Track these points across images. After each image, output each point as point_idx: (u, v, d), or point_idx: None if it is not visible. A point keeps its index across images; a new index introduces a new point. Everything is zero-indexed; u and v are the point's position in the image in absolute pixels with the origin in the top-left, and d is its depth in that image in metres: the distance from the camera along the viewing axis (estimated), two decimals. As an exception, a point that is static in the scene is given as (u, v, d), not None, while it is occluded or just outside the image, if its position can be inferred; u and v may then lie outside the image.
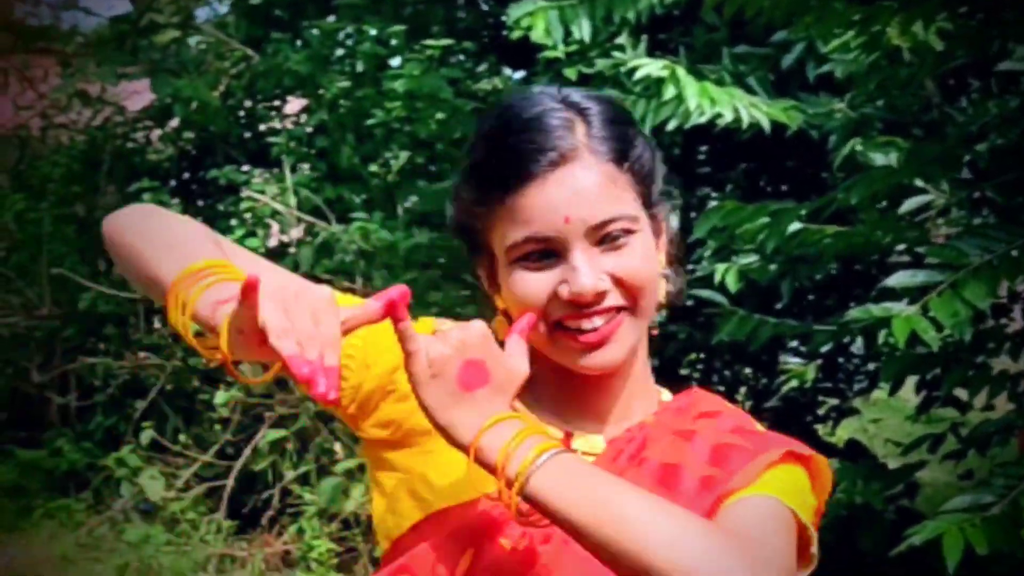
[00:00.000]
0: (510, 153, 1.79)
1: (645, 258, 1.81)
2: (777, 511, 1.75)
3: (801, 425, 7.77)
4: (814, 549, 1.83)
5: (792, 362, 7.85)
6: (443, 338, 1.68)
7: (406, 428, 1.88)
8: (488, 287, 1.91)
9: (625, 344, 1.81)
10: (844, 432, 8.58)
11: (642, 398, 1.93)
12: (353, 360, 1.87)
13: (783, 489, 1.78)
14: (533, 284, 1.79)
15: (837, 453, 7.57)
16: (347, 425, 1.95)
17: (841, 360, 7.74)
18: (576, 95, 1.85)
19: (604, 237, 1.78)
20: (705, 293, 5.34)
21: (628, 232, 1.79)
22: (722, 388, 8.13)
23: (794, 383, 7.73)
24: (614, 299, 1.79)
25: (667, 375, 8.13)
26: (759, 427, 1.93)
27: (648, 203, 1.85)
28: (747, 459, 1.80)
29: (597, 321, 1.78)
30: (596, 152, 1.79)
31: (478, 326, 1.70)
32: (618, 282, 1.78)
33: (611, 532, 1.60)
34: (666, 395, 1.97)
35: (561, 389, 1.89)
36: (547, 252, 1.78)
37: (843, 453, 7.45)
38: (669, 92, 5.25)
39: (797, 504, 1.77)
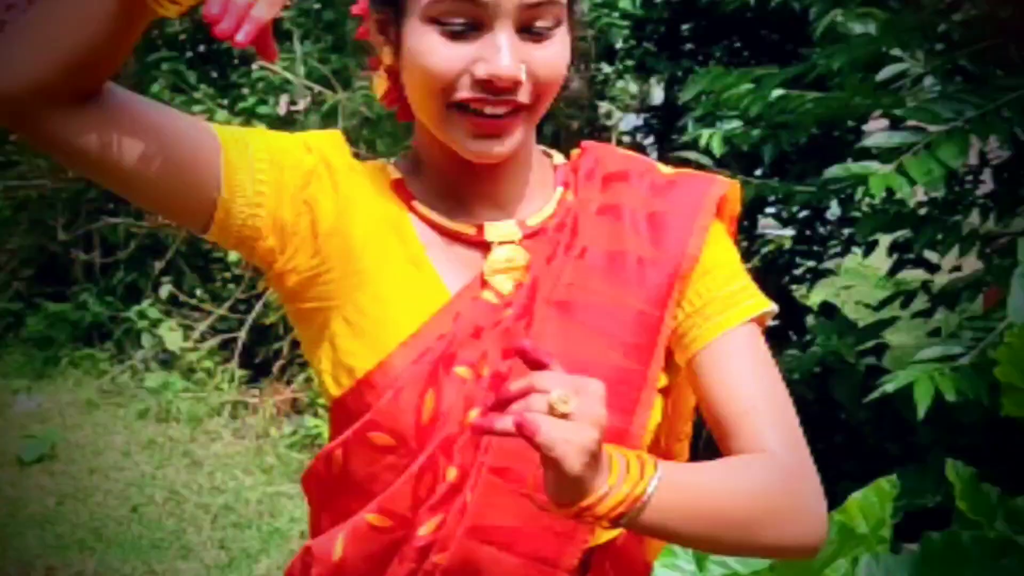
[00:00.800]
0: None
1: (563, 56, 1.65)
2: (758, 356, 1.72)
3: (778, 286, 7.71)
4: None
5: (771, 231, 7.79)
6: (584, 417, 1.41)
7: (326, 252, 1.70)
8: (379, 39, 1.70)
9: (516, 141, 1.65)
10: (818, 296, 8.53)
11: (541, 175, 1.79)
12: (266, 185, 1.67)
13: (730, 275, 1.77)
14: (446, 54, 1.59)
15: (812, 313, 7.52)
16: (262, 267, 1.74)
17: (817, 225, 7.65)
18: None
19: (532, 22, 1.60)
20: (691, 156, 5.24)
21: (555, 24, 1.62)
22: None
23: (772, 247, 7.68)
24: (523, 95, 1.62)
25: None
26: (664, 170, 1.83)
27: (571, 10, 1.67)
28: (682, 233, 1.73)
29: (500, 109, 1.61)
30: None
31: (599, 395, 1.44)
32: (533, 77, 1.61)
33: (723, 542, 1.60)
34: (558, 158, 1.83)
35: (460, 179, 1.73)
36: (468, 24, 1.59)
37: (817, 314, 7.39)
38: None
39: (749, 291, 1.77)
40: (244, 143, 1.67)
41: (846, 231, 7.43)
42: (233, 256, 7.94)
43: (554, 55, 1.63)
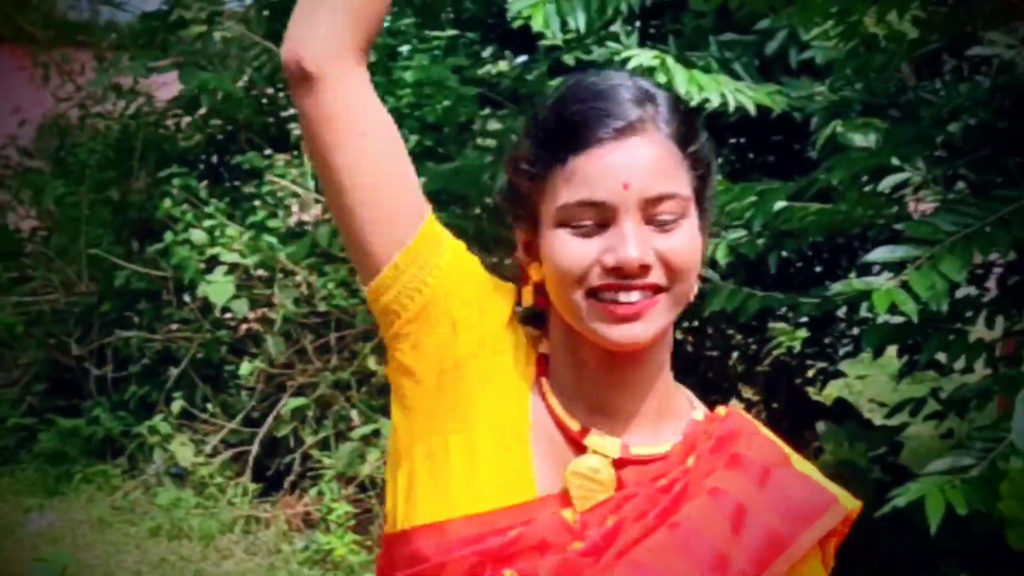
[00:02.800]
0: (578, 116, 1.68)
1: (692, 243, 1.68)
2: None
3: (791, 387, 7.70)
4: None
5: (781, 328, 7.77)
6: None
7: (447, 381, 1.75)
8: (524, 255, 1.79)
9: (656, 324, 1.68)
10: (832, 390, 8.50)
11: (667, 408, 1.79)
12: (432, 284, 1.75)
13: None
14: (577, 248, 1.66)
15: (825, 412, 7.50)
16: (388, 346, 1.78)
17: (827, 326, 7.64)
18: (648, 82, 1.75)
19: (656, 215, 1.66)
20: (696, 269, 5.22)
21: (680, 214, 1.67)
22: (715, 353, 8.06)
23: (783, 348, 7.66)
24: (656, 276, 1.66)
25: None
26: (798, 465, 1.79)
27: (701, 195, 1.73)
28: (777, 548, 1.69)
29: (635, 295, 1.65)
30: (662, 130, 1.69)
31: None
32: (663, 261, 1.66)
33: None
34: (699, 412, 1.82)
35: (582, 377, 1.75)
36: (597, 222, 1.66)
37: (831, 411, 7.38)
38: (659, 80, 5.13)
39: None
40: (440, 238, 1.76)
41: (856, 330, 7.41)
42: (245, 368, 7.93)
43: (682, 243, 1.67)
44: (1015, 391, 3.86)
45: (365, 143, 1.70)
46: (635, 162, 1.65)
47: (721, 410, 1.82)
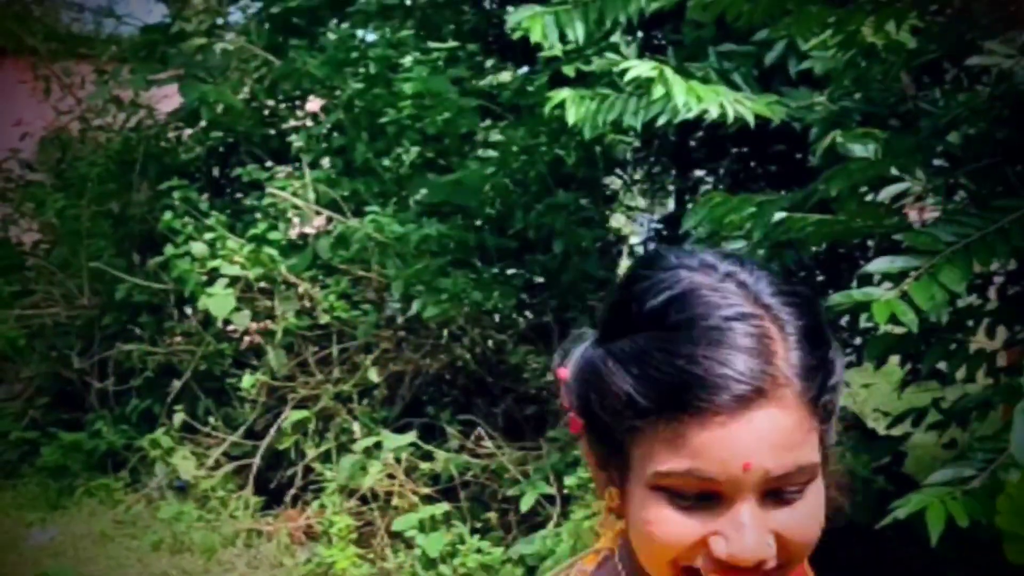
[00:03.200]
0: (694, 371, 1.34)
1: (816, 514, 1.40)
2: None
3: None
4: None
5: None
6: None
7: None
8: (600, 476, 1.49)
9: None
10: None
11: None
12: None
13: None
14: (678, 527, 1.37)
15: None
16: None
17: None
18: (768, 292, 1.40)
19: (777, 491, 1.36)
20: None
21: (805, 484, 1.38)
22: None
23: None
24: (770, 562, 1.37)
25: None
26: None
27: (825, 441, 1.42)
28: None
29: None
30: (794, 389, 1.36)
31: None
32: (781, 541, 1.37)
33: None
34: None
35: None
36: (704, 495, 1.36)
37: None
38: (658, 91, 5.12)
39: None
40: None
41: (858, 340, 7.39)
42: (247, 380, 7.93)
43: (806, 516, 1.39)
44: (1016, 401, 3.85)
45: None
46: (758, 439, 1.34)
47: None
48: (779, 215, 4.88)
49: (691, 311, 1.37)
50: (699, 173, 8.10)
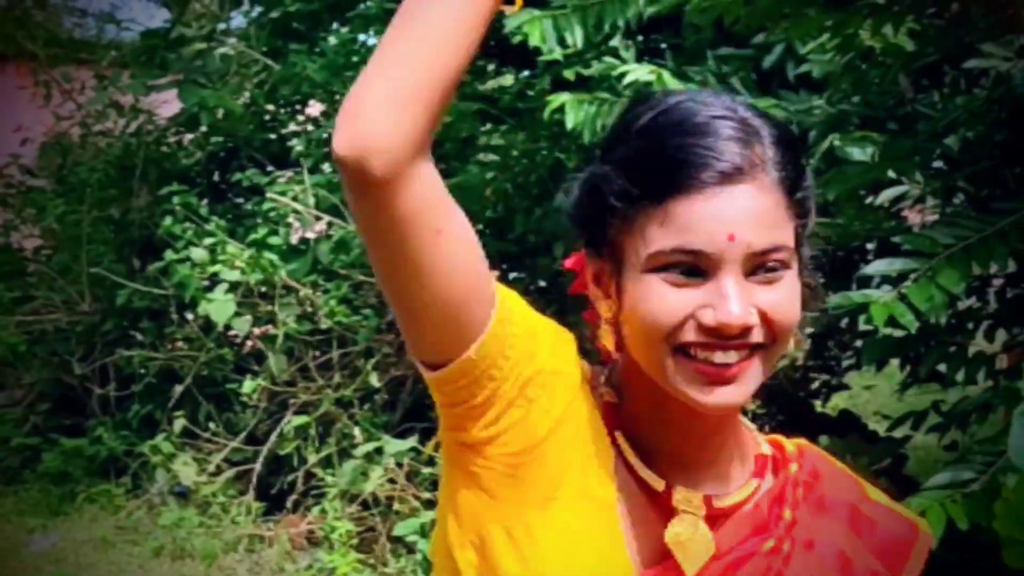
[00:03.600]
0: (678, 154, 1.52)
1: (794, 297, 1.56)
2: None
3: (795, 400, 7.67)
4: None
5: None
6: None
7: (525, 461, 1.57)
8: (594, 287, 1.63)
9: (750, 386, 1.54)
10: (838, 401, 8.47)
11: (741, 452, 1.68)
12: (505, 367, 1.54)
13: None
14: (671, 300, 1.51)
15: (831, 424, 7.46)
16: (447, 422, 1.60)
17: (829, 341, 7.62)
18: (747, 109, 1.59)
19: (760, 267, 1.52)
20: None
21: (784, 266, 1.54)
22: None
23: (787, 360, 7.64)
24: (756, 335, 1.52)
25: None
26: (873, 495, 1.76)
27: (800, 241, 1.59)
28: (903, 558, 1.69)
29: (732, 355, 1.52)
30: (770, 175, 1.54)
31: None
32: (764, 318, 1.52)
33: None
34: (765, 446, 1.72)
35: (660, 432, 1.63)
36: (693, 269, 1.51)
37: (836, 423, 7.35)
38: (654, 94, 5.13)
39: None
40: (509, 316, 1.55)
41: (859, 343, 7.40)
42: (248, 386, 7.93)
43: (785, 298, 1.54)
44: (1016, 404, 3.84)
45: (440, 241, 1.48)
46: (741, 212, 1.51)
47: (789, 446, 1.74)
48: (776, 218, 4.89)
49: (679, 116, 1.56)
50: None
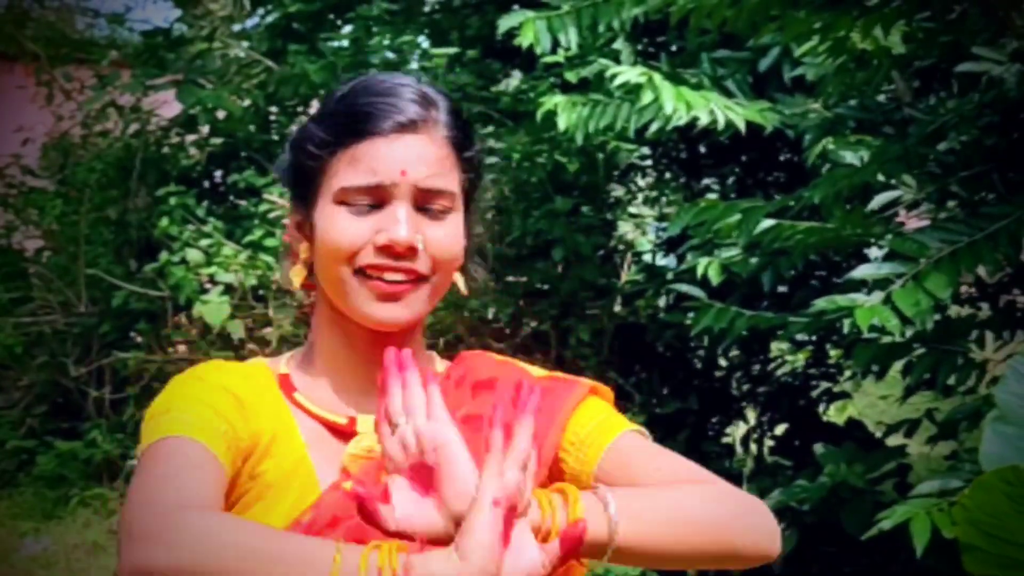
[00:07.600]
0: (368, 108, 1.84)
1: (456, 236, 1.87)
2: (653, 447, 1.85)
3: (797, 408, 7.68)
4: None
5: (783, 349, 7.76)
6: None
7: (245, 468, 1.81)
8: (295, 233, 1.92)
9: (416, 308, 1.84)
10: (852, 410, 8.45)
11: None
12: (222, 436, 1.77)
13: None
14: (352, 226, 1.81)
15: (836, 432, 7.45)
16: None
17: (828, 347, 7.62)
18: (429, 86, 1.92)
19: (427, 205, 1.83)
20: (683, 287, 5.26)
21: (448, 209, 1.85)
22: (719, 374, 8.06)
23: (786, 368, 7.65)
24: (421, 264, 1.82)
25: (676, 362, 8.00)
26: (536, 373, 1.96)
27: (470, 196, 1.92)
28: (539, 436, 1.73)
29: (399, 276, 1.81)
30: (440, 132, 1.86)
31: None
32: (429, 249, 1.82)
33: (696, 548, 1.70)
34: (439, 365, 1.99)
35: (349, 371, 1.90)
36: (373, 204, 1.82)
37: (841, 431, 7.34)
38: (647, 97, 5.18)
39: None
40: (213, 429, 1.77)
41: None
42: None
43: (447, 235, 1.85)
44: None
45: None
46: (414, 155, 1.82)
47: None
48: (768, 222, 4.92)
49: (371, 83, 1.89)
50: (707, 181, 8.11)
